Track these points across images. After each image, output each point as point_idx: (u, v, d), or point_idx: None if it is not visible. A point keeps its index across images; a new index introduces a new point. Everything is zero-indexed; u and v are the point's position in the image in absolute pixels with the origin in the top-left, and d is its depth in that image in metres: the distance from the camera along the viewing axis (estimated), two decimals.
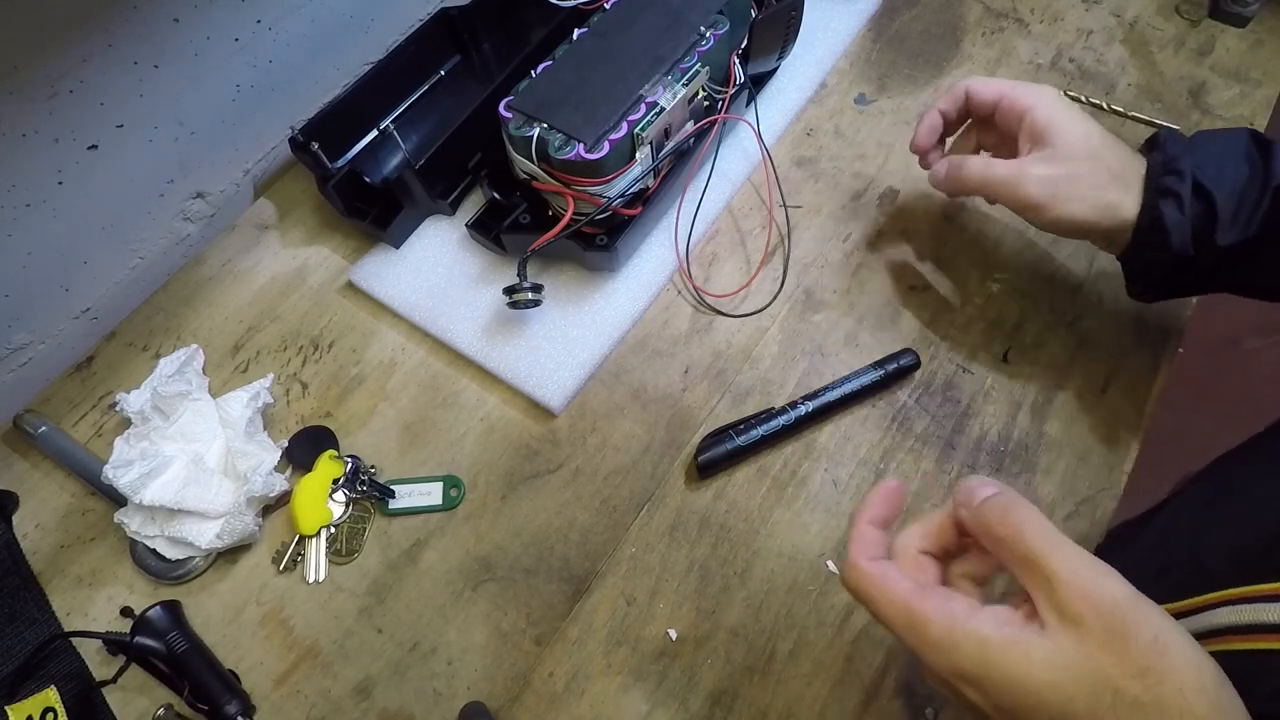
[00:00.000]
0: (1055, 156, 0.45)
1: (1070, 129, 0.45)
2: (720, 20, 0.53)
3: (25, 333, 0.54)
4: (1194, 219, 0.43)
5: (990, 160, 0.48)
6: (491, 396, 0.53)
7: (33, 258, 0.51)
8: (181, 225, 0.60)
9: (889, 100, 0.64)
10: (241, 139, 0.60)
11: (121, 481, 0.45)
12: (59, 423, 0.53)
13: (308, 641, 0.46)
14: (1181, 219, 0.43)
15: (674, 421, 0.52)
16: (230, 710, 0.42)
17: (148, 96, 0.52)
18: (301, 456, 0.50)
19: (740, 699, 0.44)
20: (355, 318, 0.56)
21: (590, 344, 0.53)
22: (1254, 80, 0.64)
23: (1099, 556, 0.29)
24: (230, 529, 0.46)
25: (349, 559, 0.48)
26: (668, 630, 0.45)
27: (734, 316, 0.55)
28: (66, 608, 0.47)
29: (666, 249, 0.57)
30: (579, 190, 0.50)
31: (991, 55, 0.67)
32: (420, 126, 0.61)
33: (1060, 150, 0.45)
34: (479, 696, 0.44)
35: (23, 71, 0.45)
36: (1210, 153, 0.44)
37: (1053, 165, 0.45)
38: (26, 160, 0.48)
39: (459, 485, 0.50)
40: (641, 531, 0.48)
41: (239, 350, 0.55)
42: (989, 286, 0.56)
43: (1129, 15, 0.68)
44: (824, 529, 0.48)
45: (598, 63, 0.52)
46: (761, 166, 0.59)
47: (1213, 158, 0.43)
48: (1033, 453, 0.50)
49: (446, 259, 0.57)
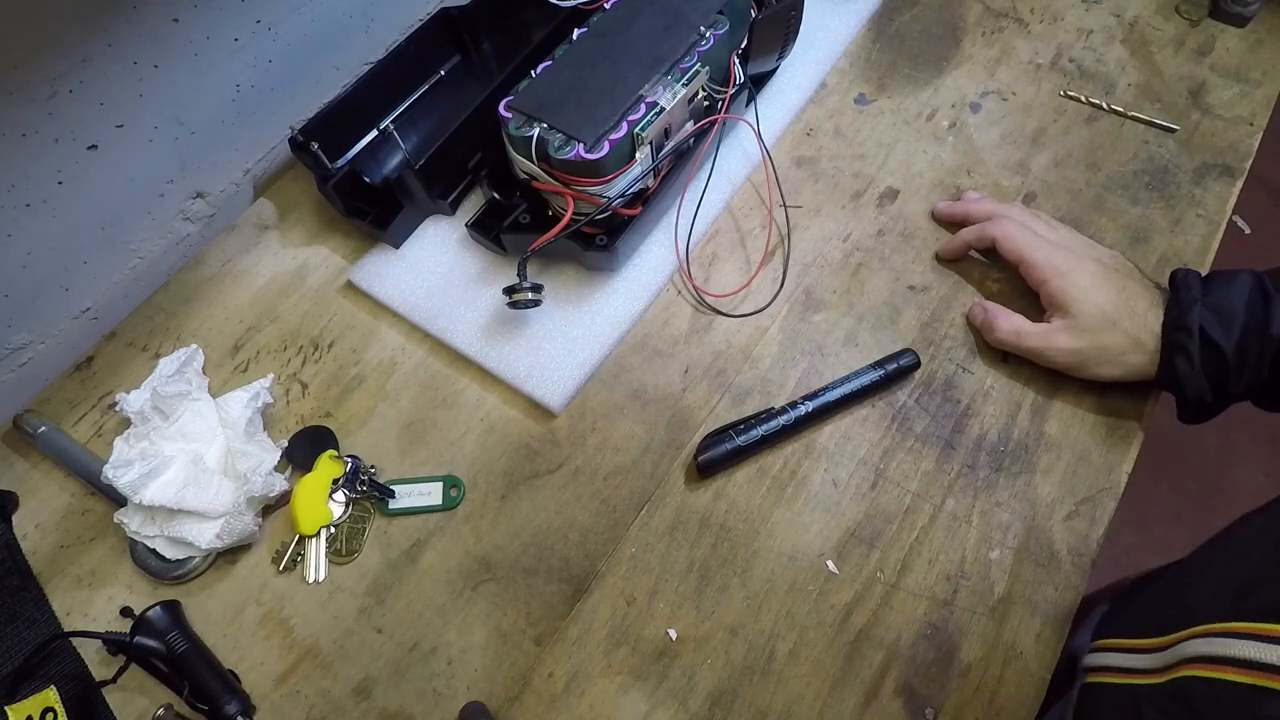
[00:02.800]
0: (1077, 327, 0.48)
1: (1086, 302, 0.48)
2: (720, 20, 0.53)
3: (25, 333, 0.54)
4: (1205, 371, 0.45)
5: (1019, 326, 0.51)
6: (491, 396, 0.53)
7: (33, 258, 0.51)
8: (181, 225, 0.60)
9: (889, 100, 0.64)
10: (241, 139, 0.60)
11: (121, 481, 0.45)
12: (59, 423, 0.53)
13: (308, 641, 0.46)
14: (1192, 372, 0.45)
15: (674, 421, 0.52)
16: (230, 710, 0.42)
17: (148, 96, 0.52)
18: (301, 456, 0.50)
19: (740, 699, 0.44)
20: (355, 318, 0.56)
21: (590, 344, 0.53)
22: (1254, 80, 0.64)
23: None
24: (230, 529, 0.46)
25: (349, 559, 0.48)
26: (668, 630, 0.45)
27: (734, 316, 0.55)
28: (66, 608, 0.47)
29: (666, 249, 0.57)
30: (579, 190, 0.50)
31: (991, 55, 0.67)
32: (420, 126, 0.61)
33: (1080, 321, 0.48)
34: (479, 696, 0.44)
35: (23, 71, 0.45)
36: (1219, 302, 0.46)
37: (1076, 338, 0.48)
38: (26, 160, 0.47)
39: (459, 485, 0.50)
40: (641, 531, 0.48)
41: (239, 350, 0.55)
42: (989, 286, 0.56)
43: (1129, 15, 0.68)
44: (824, 529, 0.48)
45: (598, 63, 0.52)
46: (761, 166, 0.59)
47: (1220, 308, 0.45)
48: (1033, 453, 0.50)
49: (446, 259, 0.57)
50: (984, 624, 0.45)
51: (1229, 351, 0.45)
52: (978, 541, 0.47)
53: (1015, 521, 0.48)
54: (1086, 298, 0.48)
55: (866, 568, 0.47)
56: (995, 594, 0.46)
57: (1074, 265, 0.49)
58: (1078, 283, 0.48)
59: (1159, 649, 0.38)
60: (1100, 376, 0.49)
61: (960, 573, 0.46)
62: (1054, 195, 0.59)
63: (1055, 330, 0.49)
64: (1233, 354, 0.45)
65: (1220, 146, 0.60)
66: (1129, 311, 0.48)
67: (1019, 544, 0.47)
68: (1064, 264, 0.49)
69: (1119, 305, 0.48)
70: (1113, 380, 0.49)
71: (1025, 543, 0.47)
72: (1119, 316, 0.47)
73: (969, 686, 0.44)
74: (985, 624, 0.45)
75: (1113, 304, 0.48)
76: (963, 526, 0.48)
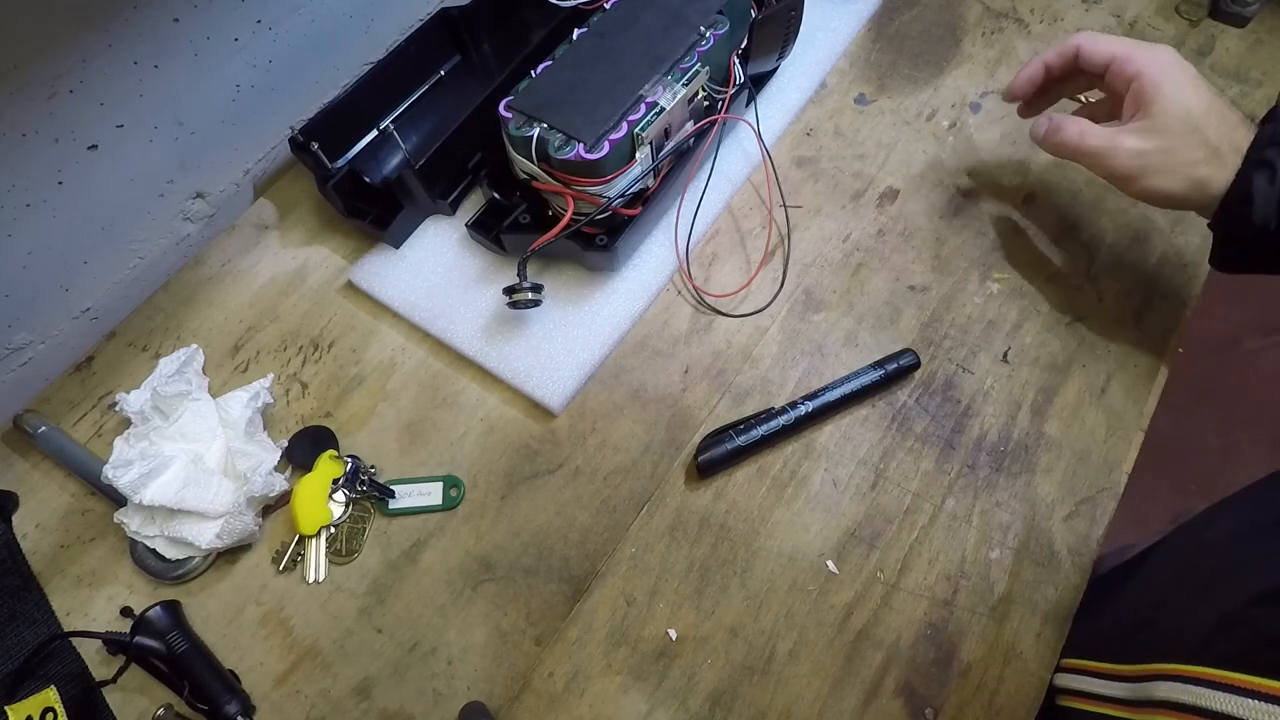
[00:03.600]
0: (1152, 128, 0.44)
1: (1174, 98, 0.44)
2: (720, 20, 0.53)
3: (25, 333, 0.54)
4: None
5: (1085, 128, 0.47)
6: (491, 396, 0.53)
7: (33, 258, 0.51)
8: (181, 225, 0.60)
9: (889, 100, 0.64)
10: (241, 139, 0.60)
11: (121, 481, 0.45)
12: (59, 423, 0.53)
13: (307, 641, 0.46)
14: (1270, 190, 0.42)
15: (674, 421, 0.52)
16: (230, 710, 0.42)
17: (148, 96, 0.52)
18: (301, 456, 0.50)
19: (740, 699, 0.44)
20: (355, 318, 0.56)
21: (590, 344, 0.53)
22: (1254, 80, 0.64)
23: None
24: (230, 529, 0.46)
25: (349, 559, 0.48)
26: (668, 630, 0.45)
27: (734, 316, 0.55)
28: (66, 608, 0.47)
29: (666, 249, 0.57)
30: (579, 190, 0.50)
31: (991, 55, 0.67)
32: (420, 126, 0.61)
33: (1158, 121, 0.44)
34: (479, 696, 0.44)
35: (23, 71, 0.45)
36: None
37: (1146, 138, 0.44)
38: (26, 160, 0.47)
39: (459, 485, 0.50)
40: (641, 531, 0.48)
41: (239, 350, 0.55)
42: (989, 286, 0.56)
43: (1129, 15, 0.68)
44: (824, 529, 0.48)
45: (598, 63, 0.52)
46: (761, 166, 0.59)
47: None
48: (1033, 453, 0.50)
49: (446, 259, 0.57)
50: (984, 624, 0.45)
51: None
52: (978, 541, 0.47)
53: (1015, 521, 0.48)
54: (1178, 95, 0.44)
55: (866, 568, 0.47)
56: (995, 594, 0.46)
57: (1171, 62, 0.45)
58: (1174, 78, 0.44)
59: (1128, 678, 0.38)
60: (1154, 189, 0.45)
61: (960, 573, 0.46)
62: (1054, 195, 0.59)
63: (1126, 130, 0.45)
64: None
65: None
66: (1219, 120, 0.44)
67: (1019, 544, 0.47)
68: (1163, 58, 0.45)
69: (1209, 111, 0.44)
70: (1164, 196, 0.45)
71: (1025, 543, 0.47)
72: (1206, 124, 0.44)
73: (969, 686, 0.44)
74: (985, 624, 0.45)
75: (1203, 109, 0.44)
76: (963, 526, 0.48)
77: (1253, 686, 0.31)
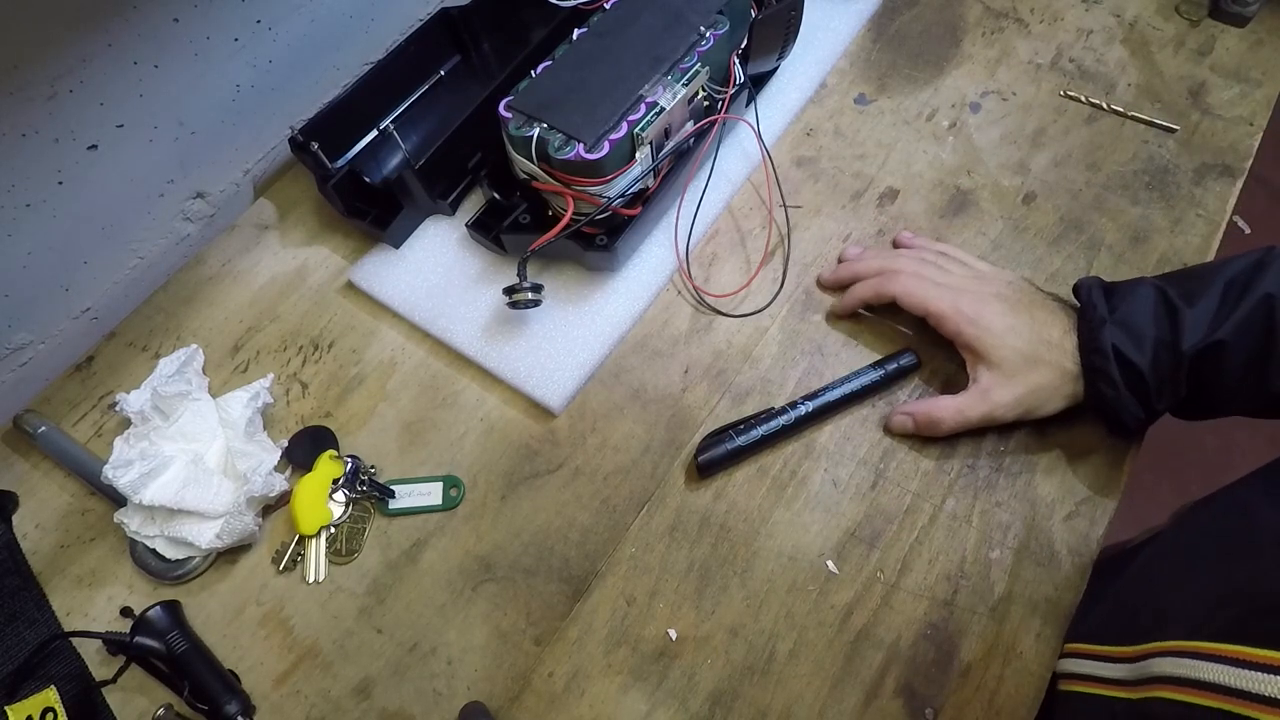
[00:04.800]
0: (1004, 375, 0.46)
1: (1005, 348, 0.46)
2: (720, 20, 0.53)
3: (25, 333, 0.54)
4: (1129, 389, 0.44)
5: (959, 404, 0.48)
6: (491, 396, 0.53)
7: (33, 258, 0.51)
8: (181, 225, 0.60)
9: (889, 100, 0.64)
10: (241, 139, 0.60)
11: (121, 481, 0.45)
12: (59, 423, 0.53)
13: (307, 641, 0.46)
14: (1119, 396, 0.44)
15: (674, 421, 0.52)
16: (230, 710, 0.42)
17: (148, 96, 0.52)
18: (301, 456, 0.50)
19: (740, 699, 0.44)
20: (355, 318, 0.56)
21: (590, 344, 0.53)
22: (1254, 80, 0.64)
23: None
24: (230, 529, 0.46)
25: (349, 559, 0.48)
26: (668, 630, 0.45)
27: (734, 316, 0.55)
28: (66, 608, 0.47)
29: (666, 249, 0.57)
30: (579, 190, 0.50)
31: (991, 55, 0.67)
32: (420, 126, 0.61)
33: (1006, 368, 0.46)
34: (479, 696, 0.44)
35: (23, 71, 0.45)
36: (1126, 318, 0.44)
37: (1011, 386, 0.46)
38: (26, 160, 0.47)
39: (459, 485, 0.50)
40: (641, 531, 0.48)
41: (239, 350, 0.55)
42: None
43: (1129, 15, 0.68)
44: (824, 529, 0.48)
45: (598, 63, 0.52)
46: (761, 166, 0.59)
47: (1129, 324, 0.44)
48: (1033, 453, 0.50)
49: (446, 259, 0.57)
50: (984, 624, 0.45)
51: (1145, 369, 0.43)
52: (978, 541, 0.47)
53: (1015, 521, 0.48)
54: (1003, 343, 0.46)
55: (866, 568, 0.47)
56: (995, 594, 0.46)
57: (980, 309, 0.47)
58: (990, 327, 0.47)
59: (1129, 659, 0.39)
60: (1049, 414, 0.47)
61: (960, 573, 0.46)
62: (1054, 195, 0.59)
63: (989, 388, 0.47)
64: (1149, 371, 0.43)
65: (1220, 146, 0.60)
66: (1045, 343, 0.46)
67: (1019, 544, 0.47)
68: (970, 309, 0.47)
69: (1034, 340, 0.46)
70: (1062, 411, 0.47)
71: (1025, 543, 0.47)
72: (1037, 352, 0.46)
73: (969, 686, 0.44)
74: (985, 624, 0.45)
75: (1028, 341, 0.46)
76: (963, 526, 0.48)
77: (1248, 657, 0.31)
